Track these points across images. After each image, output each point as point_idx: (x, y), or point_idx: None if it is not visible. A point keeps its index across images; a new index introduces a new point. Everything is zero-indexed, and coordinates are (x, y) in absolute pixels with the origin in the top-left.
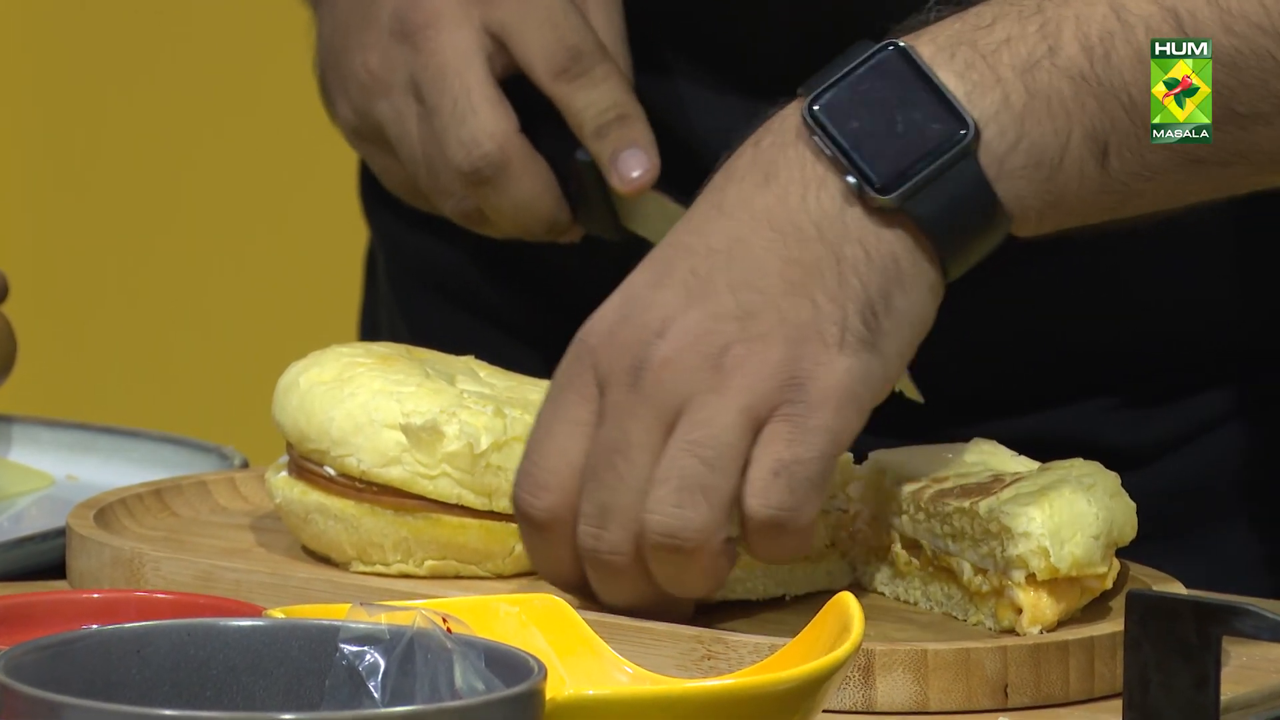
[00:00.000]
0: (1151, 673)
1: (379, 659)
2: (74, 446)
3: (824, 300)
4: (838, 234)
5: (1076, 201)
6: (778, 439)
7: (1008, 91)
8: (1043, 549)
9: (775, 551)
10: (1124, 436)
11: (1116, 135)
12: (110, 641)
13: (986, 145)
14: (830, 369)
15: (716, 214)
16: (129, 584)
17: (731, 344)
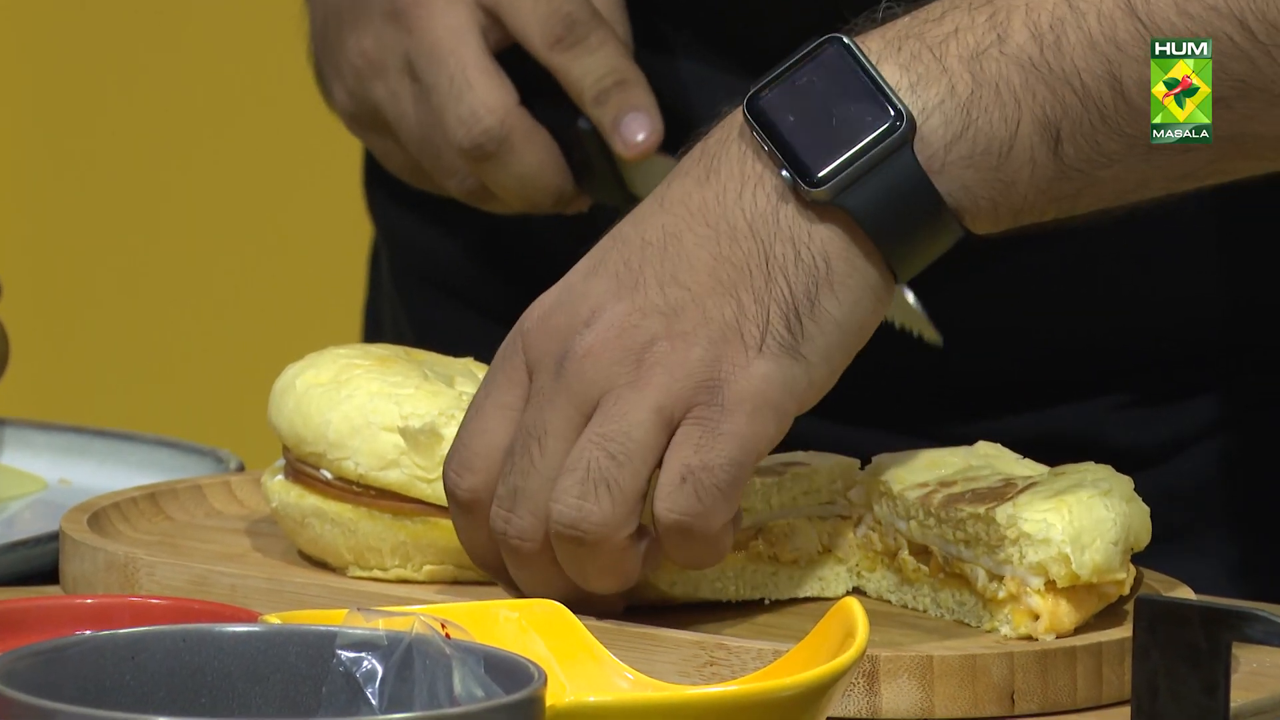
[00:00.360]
0: (1160, 679)
1: (377, 665)
2: (67, 449)
3: (749, 301)
4: (769, 232)
5: (1030, 191)
6: (687, 443)
7: (954, 81)
8: (1063, 555)
9: (685, 556)
10: (1125, 438)
11: (1069, 122)
12: (104, 647)
13: (928, 136)
14: (747, 373)
15: (657, 208)
16: (123, 589)
17: (655, 339)
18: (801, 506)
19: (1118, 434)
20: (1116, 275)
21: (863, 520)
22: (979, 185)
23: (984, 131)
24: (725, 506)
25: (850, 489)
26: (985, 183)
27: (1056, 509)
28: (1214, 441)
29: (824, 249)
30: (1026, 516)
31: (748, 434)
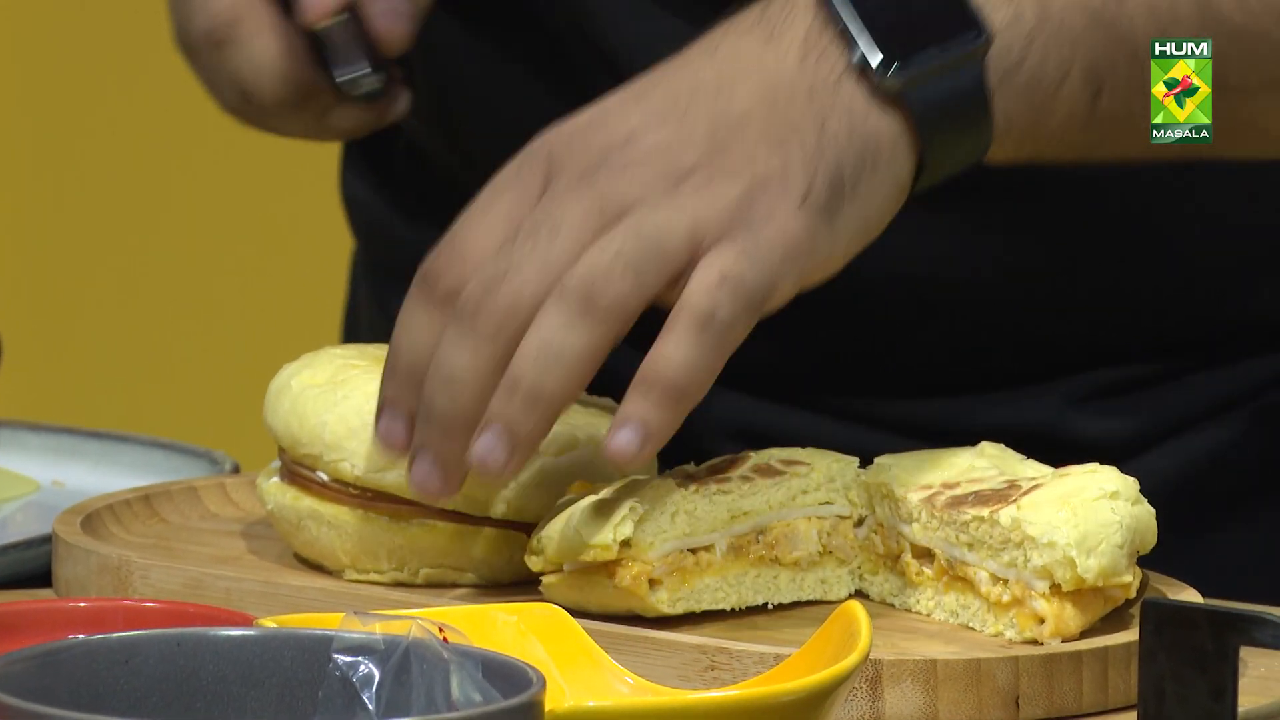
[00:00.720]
0: (1167, 683)
1: (374, 669)
2: (60, 451)
3: (797, 158)
4: (827, 103)
5: (1059, 131)
6: (726, 254)
7: (1020, 10)
8: (1069, 559)
9: (677, 354)
10: (1092, 428)
11: (1113, 78)
12: (97, 651)
13: (996, 55)
14: (785, 220)
15: (709, 57)
16: (117, 592)
17: (697, 169)
18: (800, 506)
19: (1084, 424)
20: (1093, 265)
21: (864, 522)
22: (1019, 115)
23: (1038, 68)
24: (746, 323)
25: (850, 488)
26: (1024, 114)
27: (1061, 511)
28: (1195, 436)
29: (877, 135)
30: (1031, 519)
31: (776, 273)
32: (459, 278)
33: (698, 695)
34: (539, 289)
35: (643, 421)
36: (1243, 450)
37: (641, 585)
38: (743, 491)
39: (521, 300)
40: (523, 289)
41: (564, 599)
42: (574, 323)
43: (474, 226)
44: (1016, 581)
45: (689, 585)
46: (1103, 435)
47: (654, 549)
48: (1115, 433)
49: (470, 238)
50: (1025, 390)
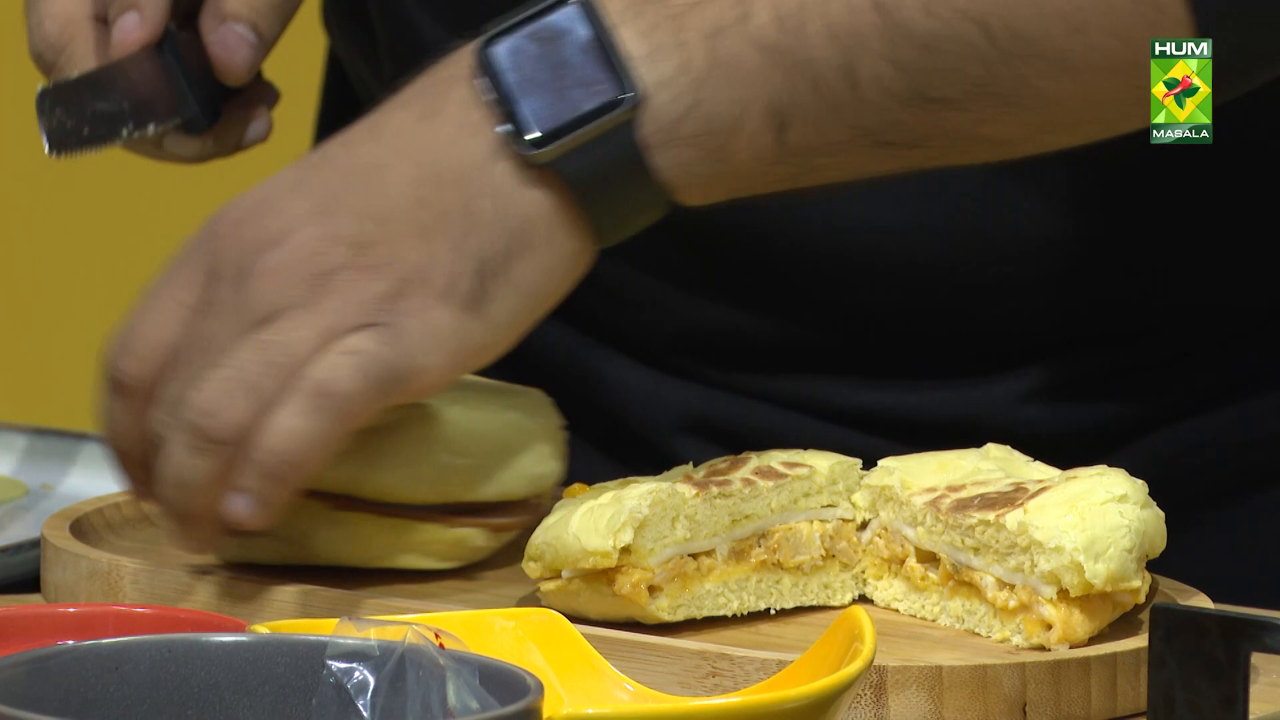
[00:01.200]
0: (1177, 691)
1: (368, 676)
2: (49, 454)
3: (443, 250)
4: (476, 185)
5: (746, 170)
6: (357, 334)
7: (690, 56)
8: (1076, 564)
9: (285, 424)
10: (1046, 423)
11: (799, 110)
12: (87, 658)
13: (656, 111)
14: (425, 316)
15: (370, 136)
16: (106, 598)
17: (339, 269)
18: (803, 509)
19: (1035, 421)
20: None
21: (868, 525)
22: (698, 162)
23: (711, 112)
24: (370, 399)
25: (853, 491)
26: (704, 160)
27: (1069, 515)
28: (1141, 440)
29: (528, 213)
30: (1038, 524)
31: (416, 359)
32: (132, 376)
33: (699, 702)
34: (189, 417)
35: (251, 492)
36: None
37: (641, 593)
38: (744, 495)
39: (178, 452)
40: (172, 414)
41: (562, 606)
42: (197, 451)
43: (144, 321)
44: (1023, 587)
45: (690, 591)
46: (1057, 432)
47: (654, 555)
48: (1069, 429)
49: (142, 333)
50: (974, 381)
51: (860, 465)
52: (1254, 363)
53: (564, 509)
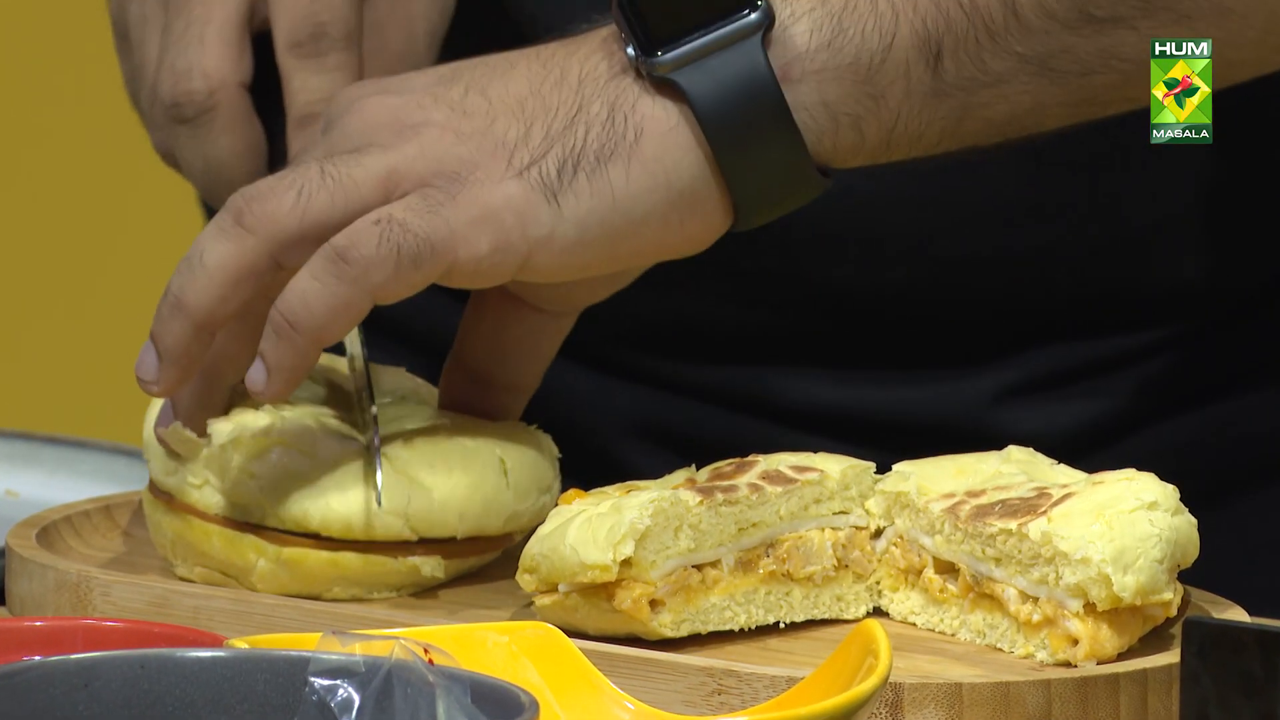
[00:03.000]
0: (1211, 709)
1: (353, 694)
2: (14, 458)
3: (538, 133)
4: (593, 91)
5: (905, 108)
6: (400, 203)
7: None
8: (1104, 576)
9: (298, 285)
10: (1024, 423)
11: (951, 37)
12: (55, 674)
13: (792, 40)
14: (493, 186)
15: (518, 51)
16: (75, 611)
17: (431, 124)
18: (813, 517)
19: (1012, 421)
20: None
21: (883, 534)
22: (843, 99)
23: (854, 41)
24: (391, 270)
25: (867, 497)
26: (850, 97)
27: (1096, 524)
28: (1128, 440)
29: (642, 122)
30: (1063, 534)
31: (459, 230)
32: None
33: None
34: (232, 200)
35: (264, 356)
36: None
37: (643, 608)
38: (751, 502)
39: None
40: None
41: (559, 621)
42: (221, 232)
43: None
44: (1048, 600)
45: (694, 605)
46: (1035, 433)
47: (656, 568)
48: (1048, 430)
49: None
50: (947, 375)
51: (874, 469)
52: (1244, 355)
53: (559, 517)
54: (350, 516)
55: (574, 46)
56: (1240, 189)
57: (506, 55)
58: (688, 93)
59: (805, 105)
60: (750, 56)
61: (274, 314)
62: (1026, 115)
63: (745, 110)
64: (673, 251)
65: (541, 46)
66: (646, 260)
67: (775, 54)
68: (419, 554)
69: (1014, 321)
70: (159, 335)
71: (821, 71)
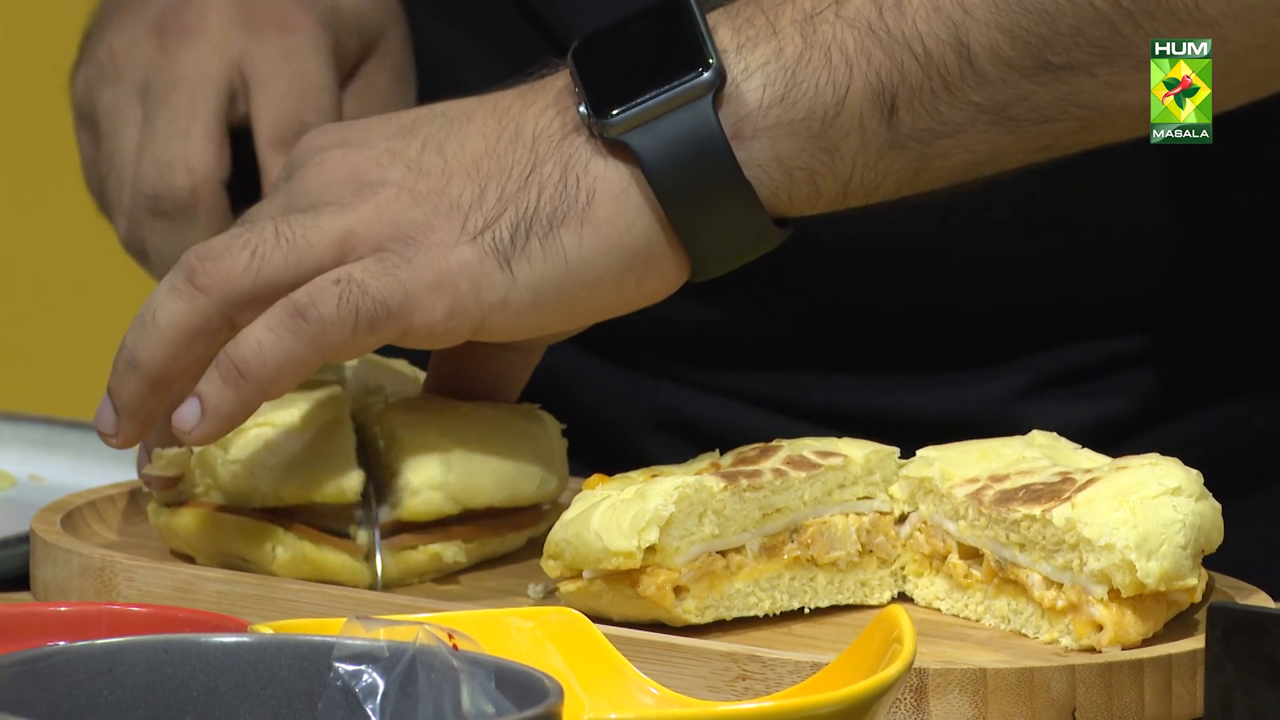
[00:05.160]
0: (1236, 695)
1: (377, 679)
2: (38, 443)
3: (492, 195)
4: (547, 150)
5: (859, 161)
6: (359, 264)
7: (782, 44)
8: (1128, 563)
9: (254, 335)
10: (1042, 419)
11: (907, 88)
12: (79, 660)
13: (744, 97)
14: (447, 251)
15: (477, 99)
16: (100, 596)
17: (388, 184)
18: (837, 502)
19: (1032, 417)
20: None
21: (907, 519)
22: (797, 154)
23: (808, 95)
24: (348, 331)
25: (890, 482)
26: (805, 151)
27: (1120, 510)
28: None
29: (594, 184)
30: (1087, 520)
31: (415, 295)
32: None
33: (728, 707)
34: (185, 257)
35: (202, 397)
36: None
37: (667, 594)
38: (775, 487)
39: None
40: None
41: (583, 607)
42: (174, 291)
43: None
44: (1072, 586)
45: (718, 591)
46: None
47: (680, 554)
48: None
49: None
50: (964, 377)
51: (898, 454)
52: (1265, 350)
53: (583, 503)
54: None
55: (530, 98)
56: (1259, 184)
57: (464, 106)
58: (639, 154)
59: (758, 162)
60: (701, 117)
61: (223, 358)
62: (984, 163)
63: (696, 171)
64: (630, 308)
65: (499, 95)
66: (605, 317)
67: (727, 113)
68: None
69: (1034, 322)
70: (115, 391)
71: (774, 127)
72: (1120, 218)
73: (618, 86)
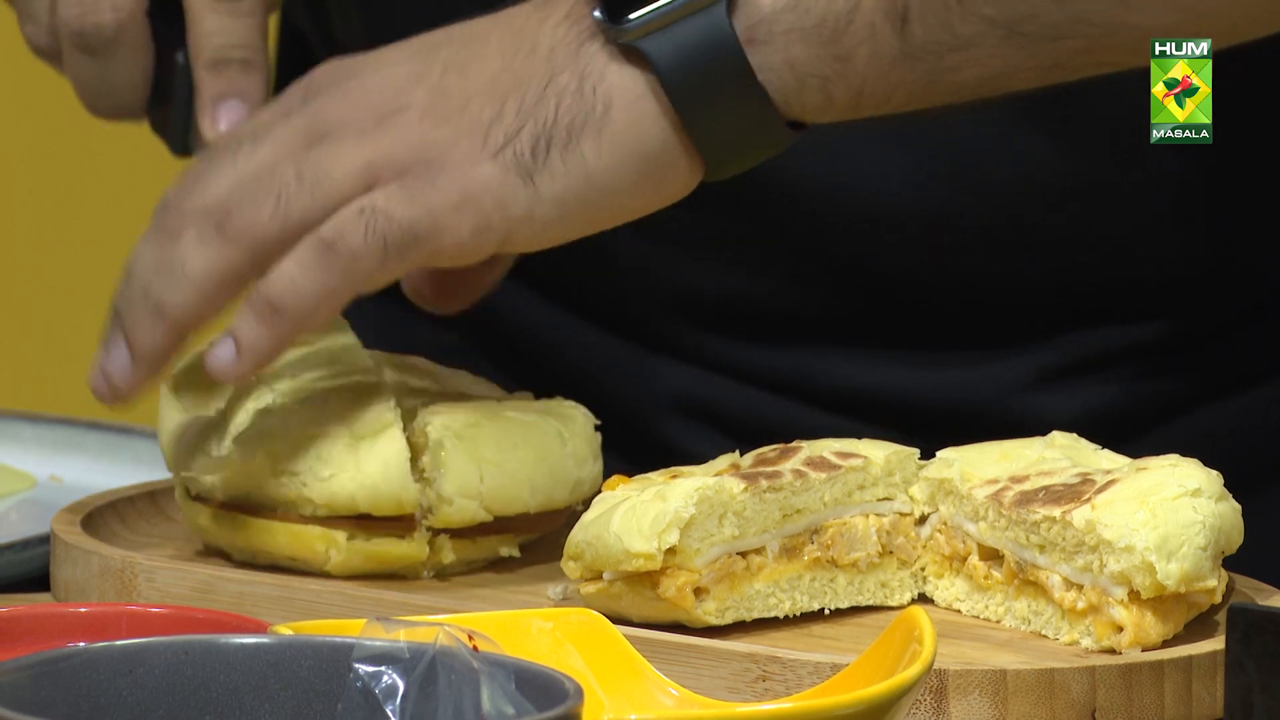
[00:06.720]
0: (1256, 696)
1: (397, 680)
2: (59, 444)
3: (511, 110)
4: (563, 60)
5: (871, 71)
6: (382, 191)
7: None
8: (1148, 564)
9: (286, 272)
10: (1047, 408)
11: (919, 0)
12: (99, 661)
13: (755, 2)
14: (470, 169)
15: (489, 16)
16: (120, 596)
17: (409, 108)
18: (858, 503)
19: (1037, 407)
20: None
21: (927, 520)
22: (809, 61)
23: (820, 3)
24: (378, 260)
25: (910, 483)
26: (816, 59)
27: (1140, 512)
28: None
29: (610, 92)
30: (1107, 521)
31: (441, 217)
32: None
33: (749, 708)
34: (206, 202)
35: (237, 335)
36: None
37: (687, 596)
38: (795, 488)
39: (186, 213)
40: (196, 201)
41: (603, 608)
42: (202, 240)
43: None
44: (1092, 587)
45: (738, 592)
46: (1070, 419)
47: (701, 555)
48: (1083, 415)
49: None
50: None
51: (918, 455)
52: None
53: (604, 504)
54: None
55: (546, 11)
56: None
57: (480, 25)
58: (653, 60)
59: (771, 66)
60: (715, 21)
61: (256, 297)
62: (996, 79)
63: (710, 76)
64: (647, 210)
65: (515, 10)
66: (622, 221)
67: (740, 17)
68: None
69: (1053, 303)
70: (137, 339)
71: (787, 33)
72: (1155, 196)
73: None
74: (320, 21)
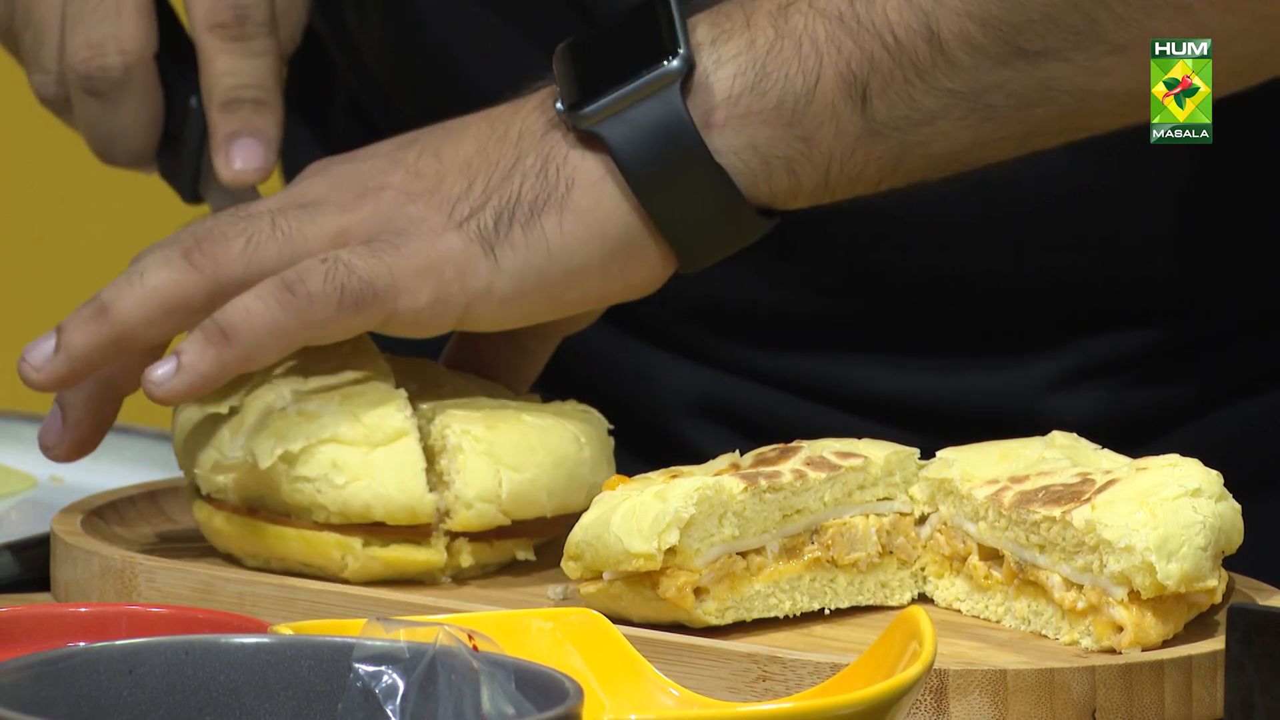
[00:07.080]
0: (1256, 696)
1: (397, 680)
2: None
3: (479, 187)
4: (530, 145)
5: (836, 149)
6: (348, 248)
7: (755, 35)
8: (1148, 564)
9: (244, 301)
10: (1070, 412)
11: (878, 77)
12: (99, 660)
13: (715, 87)
14: (434, 238)
15: (476, 113)
16: (120, 596)
17: (388, 188)
18: (858, 503)
19: (1059, 410)
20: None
21: (927, 520)
22: (772, 143)
23: (778, 85)
24: (333, 308)
25: (910, 483)
26: (780, 140)
27: (1140, 512)
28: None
29: (573, 174)
30: (1107, 521)
31: (401, 279)
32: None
33: (749, 708)
34: (185, 232)
35: (180, 355)
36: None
37: (687, 596)
38: (795, 488)
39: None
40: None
41: (603, 608)
42: (168, 260)
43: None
44: (1092, 587)
45: (738, 593)
46: (1089, 422)
47: (701, 555)
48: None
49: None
50: (1005, 363)
51: (918, 455)
52: None
53: (603, 504)
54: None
55: (521, 103)
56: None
57: (464, 118)
58: (608, 143)
59: (733, 149)
60: (669, 105)
61: (208, 323)
62: (970, 151)
63: (668, 159)
64: (619, 297)
65: (495, 107)
66: (593, 307)
67: (696, 101)
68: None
69: (1071, 308)
70: (70, 333)
71: (746, 115)
72: (1167, 204)
73: (592, 81)
74: (340, 34)
